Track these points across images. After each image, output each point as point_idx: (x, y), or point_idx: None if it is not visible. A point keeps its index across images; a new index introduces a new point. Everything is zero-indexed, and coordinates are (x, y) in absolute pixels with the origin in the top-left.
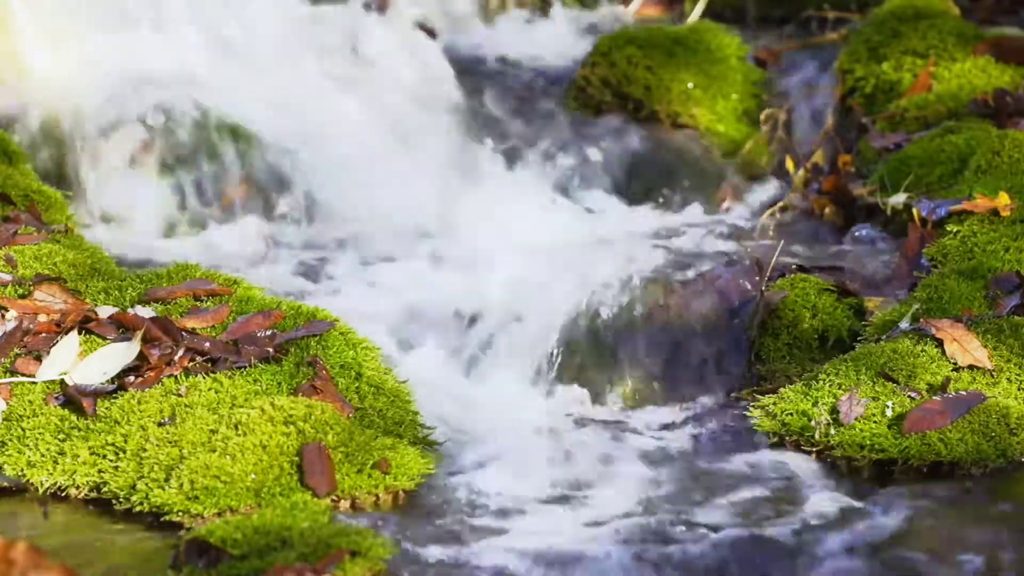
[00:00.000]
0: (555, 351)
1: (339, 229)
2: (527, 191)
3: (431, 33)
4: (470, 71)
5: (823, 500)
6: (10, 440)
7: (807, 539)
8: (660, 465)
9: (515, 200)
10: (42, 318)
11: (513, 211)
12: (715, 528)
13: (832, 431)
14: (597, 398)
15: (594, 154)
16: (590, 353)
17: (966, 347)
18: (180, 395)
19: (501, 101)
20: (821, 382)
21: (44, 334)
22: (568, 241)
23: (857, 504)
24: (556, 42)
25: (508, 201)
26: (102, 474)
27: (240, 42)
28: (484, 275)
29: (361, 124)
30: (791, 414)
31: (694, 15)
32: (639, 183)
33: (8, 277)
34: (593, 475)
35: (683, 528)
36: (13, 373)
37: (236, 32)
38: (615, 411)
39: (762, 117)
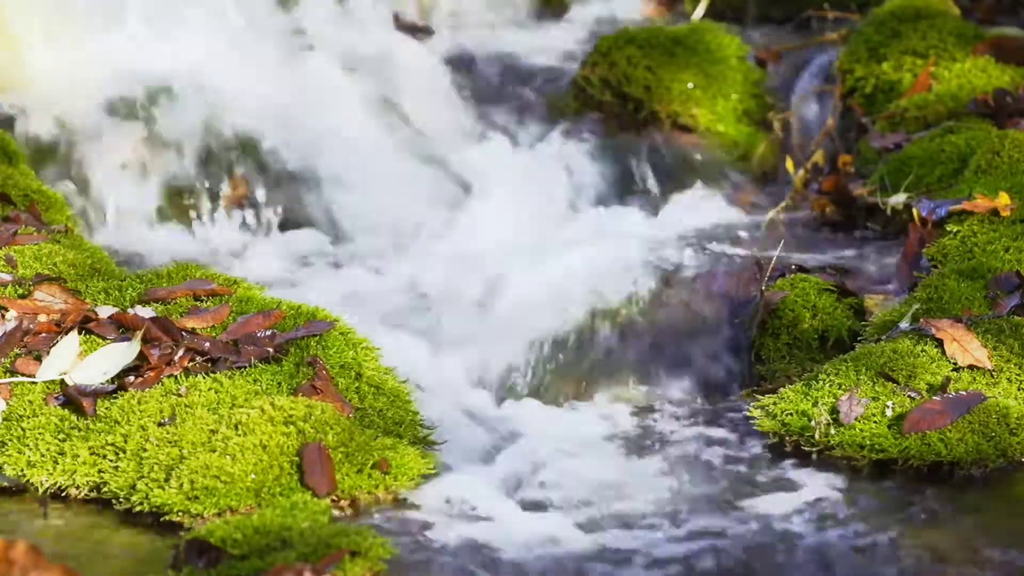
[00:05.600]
0: (553, 350)
1: (339, 228)
2: (526, 190)
3: (428, 33)
4: (470, 71)
5: (823, 500)
6: (10, 440)
7: (807, 539)
8: (659, 465)
9: (514, 200)
10: (42, 318)
11: (512, 211)
12: (714, 528)
13: (832, 431)
14: (596, 398)
15: (594, 155)
16: (589, 352)
17: (966, 347)
18: (180, 395)
19: (500, 100)
20: (821, 382)
21: (44, 334)
22: (566, 240)
23: (856, 505)
24: (556, 42)
25: (507, 200)
26: (102, 474)
27: (241, 43)
28: (483, 274)
29: (361, 125)
30: (791, 414)
31: (695, 15)
32: (638, 183)
33: (8, 277)
34: (591, 475)
35: (681, 529)
36: (13, 373)
37: (237, 33)
38: (615, 411)
39: (772, 118)
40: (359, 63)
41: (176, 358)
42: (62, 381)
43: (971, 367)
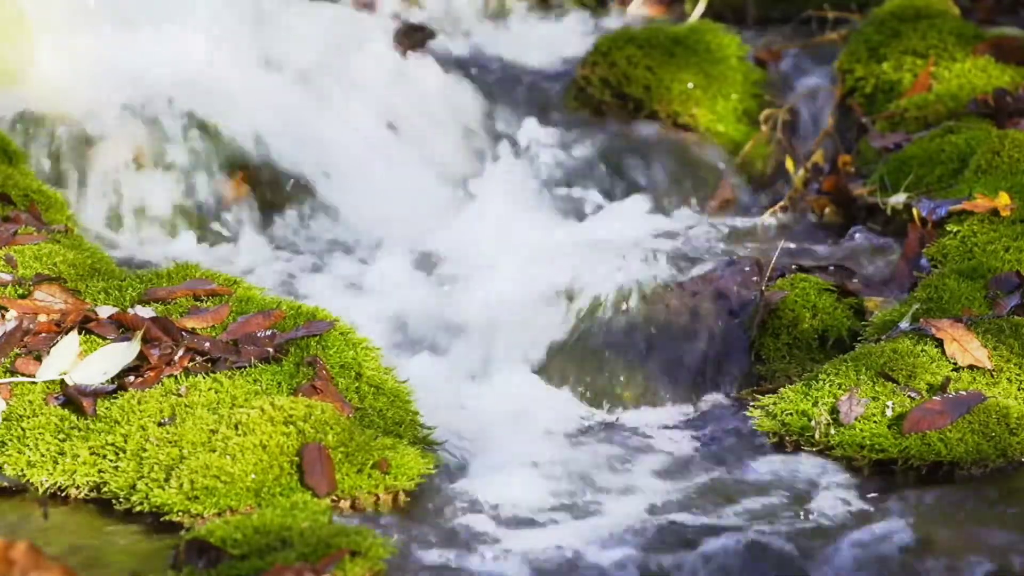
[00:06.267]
0: (555, 352)
1: (338, 230)
2: (526, 191)
3: (428, 33)
4: (469, 71)
5: (822, 500)
6: (10, 440)
7: (806, 539)
8: (660, 466)
9: (514, 200)
10: (42, 318)
11: (512, 211)
12: (714, 528)
13: (832, 431)
14: (597, 399)
15: (594, 155)
16: (590, 354)
17: (966, 347)
18: (180, 395)
19: (500, 101)
20: (821, 382)
21: (44, 334)
22: (568, 241)
23: (857, 504)
24: (555, 42)
25: (507, 201)
26: (102, 474)
27: (240, 42)
28: (484, 276)
29: (359, 126)
30: (791, 414)
31: (694, 15)
32: (639, 183)
33: (8, 277)
34: (592, 476)
35: (683, 529)
36: (13, 373)
37: (242, 35)
38: (615, 412)
39: (762, 117)
40: (359, 61)
41: (176, 358)
42: (62, 381)
43: (971, 367)
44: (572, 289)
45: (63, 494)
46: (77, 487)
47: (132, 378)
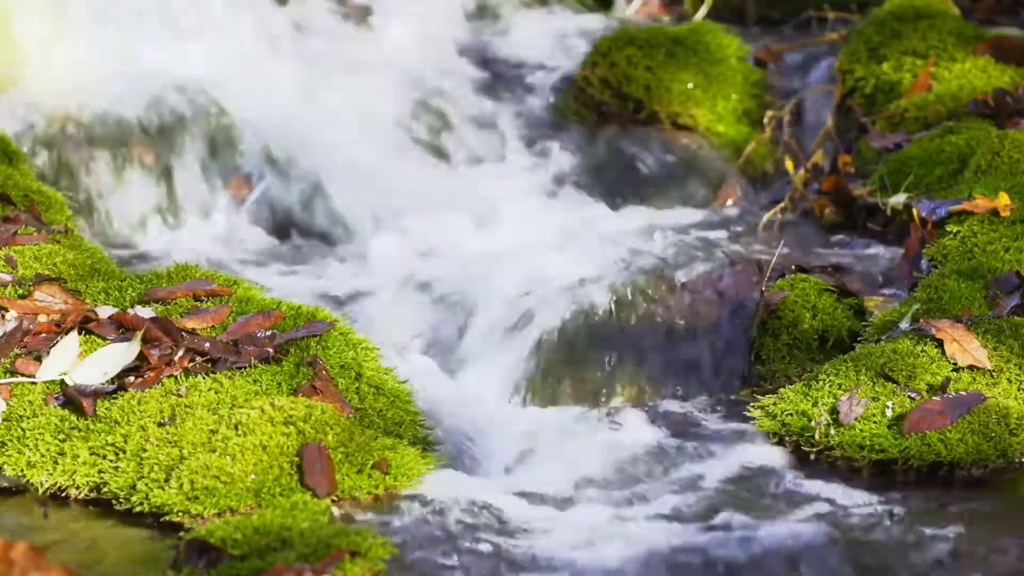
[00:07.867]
0: (554, 351)
1: (337, 227)
2: (526, 189)
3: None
4: (470, 70)
5: (822, 501)
6: (10, 440)
7: (806, 539)
8: (660, 466)
9: (514, 198)
10: (42, 318)
11: (511, 209)
12: (711, 528)
13: (832, 431)
14: (596, 398)
15: (594, 153)
16: (589, 353)
17: (966, 347)
18: (180, 395)
19: (501, 100)
20: (821, 382)
21: (44, 334)
22: (567, 240)
23: (856, 505)
24: (555, 41)
25: (507, 199)
26: (102, 474)
27: (239, 39)
28: (483, 274)
29: (358, 122)
30: (791, 414)
31: (696, 17)
32: (639, 183)
33: (8, 277)
34: (591, 475)
35: (682, 530)
36: (13, 373)
37: (235, 29)
38: (615, 411)
39: (766, 118)
40: (357, 60)
41: (176, 358)
42: (62, 381)
43: (971, 367)
44: (570, 288)
45: (63, 494)
46: (77, 487)
47: (132, 378)
